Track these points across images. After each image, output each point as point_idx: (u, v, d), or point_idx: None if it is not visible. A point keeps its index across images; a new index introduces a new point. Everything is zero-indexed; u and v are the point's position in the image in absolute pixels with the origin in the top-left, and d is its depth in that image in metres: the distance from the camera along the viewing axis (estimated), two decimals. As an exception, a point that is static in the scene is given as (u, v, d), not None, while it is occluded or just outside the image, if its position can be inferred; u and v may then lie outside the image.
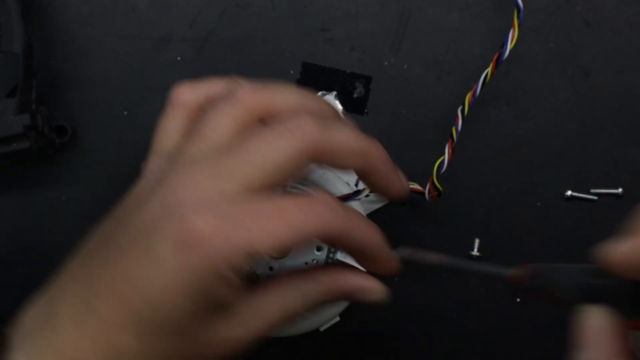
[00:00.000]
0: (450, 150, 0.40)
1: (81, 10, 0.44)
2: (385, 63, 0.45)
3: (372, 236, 0.33)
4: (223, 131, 0.33)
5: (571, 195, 0.44)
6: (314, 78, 0.45)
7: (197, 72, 0.44)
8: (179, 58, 0.44)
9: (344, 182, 0.41)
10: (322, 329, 0.41)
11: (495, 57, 0.40)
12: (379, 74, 0.45)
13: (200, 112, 0.35)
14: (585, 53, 0.45)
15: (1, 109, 0.39)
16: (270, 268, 0.40)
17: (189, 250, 0.29)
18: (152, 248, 0.30)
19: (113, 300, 0.30)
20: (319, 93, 0.45)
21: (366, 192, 0.40)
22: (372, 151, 0.34)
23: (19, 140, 0.39)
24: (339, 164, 0.33)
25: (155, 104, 0.44)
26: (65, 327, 0.31)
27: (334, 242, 0.32)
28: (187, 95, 0.36)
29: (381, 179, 0.35)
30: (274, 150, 0.31)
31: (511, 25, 0.40)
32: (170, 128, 0.36)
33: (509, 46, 0.40)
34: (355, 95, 0.45)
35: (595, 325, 0.27)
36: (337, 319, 0.41)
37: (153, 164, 0.35)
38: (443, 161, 0.40)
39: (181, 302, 0.30)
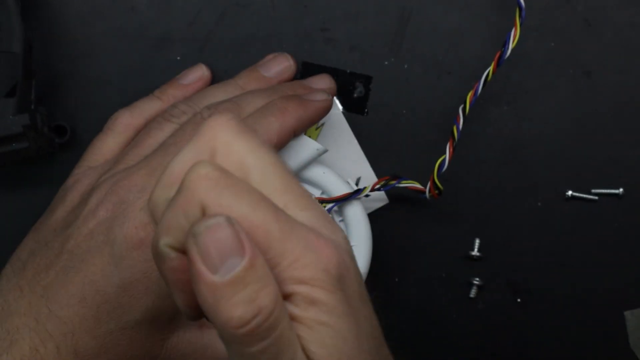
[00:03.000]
0: (451, 149, 0.40)
1: (81, 10, 0.44)
2: (385, 63, 0.45)
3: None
4: (159, 138, 0.35)
5: (572, 196, 0.44)
6: (314, 78, 0.44)
7: (196, 72, 0.44)
8: (178, 58, 0.44)
9: (344, 181, 0.41)
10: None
11: (497, 56, 0.40)
12: (379, 74, 0.45)
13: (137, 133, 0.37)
14: (585, 53, 0.45)
15: (1, 109, 0.39)
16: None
17: (145, 245, 0.30)
18: (110, 250, 0.31)
19: (72, 300, 0.31)
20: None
21: (366, 191, 0.40)
22: (287, 107, 0.36)
23: (18, 140, 0.39)
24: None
25: (155, 104, 0.44)
26: (23, 330, 0.31)
27: None
28: (125, 119, 0.38)
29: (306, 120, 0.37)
30: (201, 135, 0.32)
31: (512, 24, 0.40)
32: (104, 147, 0.38)
33: (511, 45, 0.40)
34: (355, 95, 0.45)
35: None
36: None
37: (83, 179, 0.36)
38: (444, 160, 0.40)
39: (141, 296, 0.30)
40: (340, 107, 0.44)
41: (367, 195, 0.42)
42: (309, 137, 0.41)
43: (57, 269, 0.32)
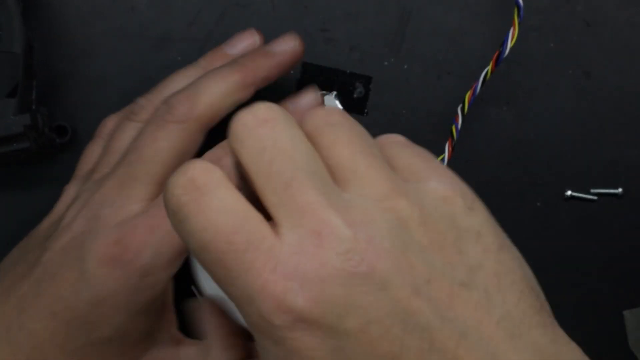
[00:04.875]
0: (450, 149, 0.41)
1: (81, 10, 0.44)
2: (385, 63, 0.45)
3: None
4: (125, 141, 0.35)
5: (571, 195, 0.44)
6: (314, 78, 0.45)
7: (197, 72, 0.44)
8: (179, 58, 0.44)
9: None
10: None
11: (495, 55, 0.40)
12: (379, 74, 0.45)
13: None
14: (585, 53, 0.45)
15: (1, 109, 0.39)
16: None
17: (115, 262, 0.30)
18: (81, 266, 0.31)
19: (47, 319, 0.31)
20: (319, 93, 0.45)
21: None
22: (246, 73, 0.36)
23: (19, 140, 0.39)
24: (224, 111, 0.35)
25: (155, 104, 0.44)
26: None
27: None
28: (111, 123, 0.37)
29: (268, 73, 0.36)
30: (160, 140, 0.32)
31: (511, 24, 0.40)
32: (90, 155, 0.37)
33: (510, 44, 0.40)
34: (355, 95, 0.45)
35: (205, 310, 0.29)
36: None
37: (70, 189, 0.36)
38: (443, 159, 0.41)
39: (111, 314, 0.30)
40: (340, 107, 0.44)
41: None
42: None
43: (30, 281, 0.32)
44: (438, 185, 0.25)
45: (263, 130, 0.23)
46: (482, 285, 0.24)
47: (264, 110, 0.23)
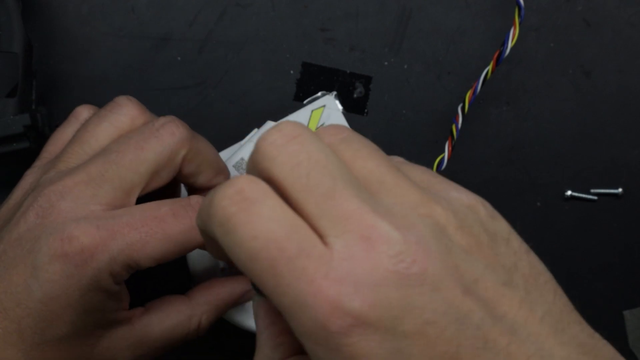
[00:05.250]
0: (450, 148, 0.41)
1: (80, 10, 0.44)
2: (385, 63, 0.45)
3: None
4: (103, 138, 0.33)
5: (571, 195, 0.44)
6: (314, 78, 0.45)
7: (197, 71, 0.44)
8: (179, 58, 0.44)
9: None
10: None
11: (496, 55, 0.40)
12: (379, 74, 0.45)
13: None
14: (585, 53, 0.45)
15: (1, 109, 0.39)
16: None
17: (68, 260, 0.29)
18: (33, 260, 0.30)
19: None
20: (319, 93, 0.45)
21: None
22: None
23: (19, 140, 0.39)
24: (201, 171, 0.34)
25: (155, 104, 0.44)
26: None
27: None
28: (86, 111, 0.36)
29: None
30: (147, 151, 0.32)
31: (512, 24, 0.40)
32: (59, 138, 0.36)
33: (510, 44, 0.40)
34: (355, 95, 0.45)
35: (257, 309, 0.28)
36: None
37: (31, 174, 0.35)
38: (443, 158, 0.41)
39: (64, 312, 0.30)
40: (340, 107, 0.44)
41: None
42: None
43: None
44: (460, 195, 0.25)
45: (294, 146, 0.23)
46: (522, 284, 0.24)
47: (290, 127, 0.23)
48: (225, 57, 0.44)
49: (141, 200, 0.33)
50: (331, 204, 0.22)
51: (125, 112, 0.34)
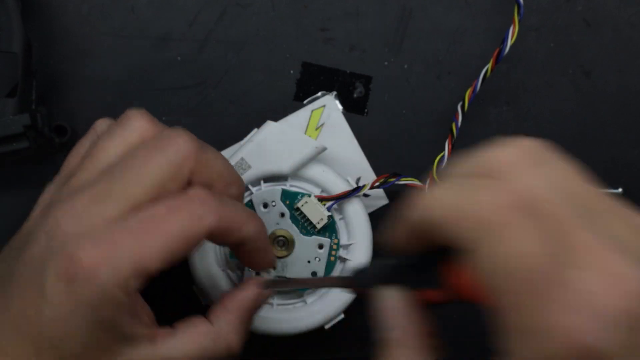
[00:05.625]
0: (450, 146, 0.40)
1: (80, 9, 0.44)
2: (386, 63, 0.45)
3: (254, 228, 0.33)
4: (113, 153, 0.33)
5: (571, 195, 0.44)
6: (314, 78, 0.45)
7: (197, 71, 0.44)
8: (179, 58, 0.44)
9: (344, 179, 0.41)
10: (327, 326, 0.41)
11: (495, 53, 0.40)
12: (379, 74, 0.45)
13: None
14: (585, 53, 0.45)
15: (1, 108, 0.39)
16: (274, 267, 0.40)
17: (74, 283, 0.29)
18: (42, 281, 0.30)
19: (16, 337, 0.30)
20: (319, 93, 0.45)
21: (366, 189, 0.40)
22: (243, 188, 0.35)
23: (19, 140, 0.39)
24: (211, 183, 0.33)
25: (155, 104, 0.44)
26: None
27: (219, 239, 0.32)
28: (104, 124, 0.36)
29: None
30: (152, 165, 0.31)
31: (511, 24, 0.40)
32: (78, 152, 0.36)
33: (510, 42, 0.40)
34: (355, 95, 0.45)
35: (389, 305, 0.28)
36: (342, 316, 0.41)
37: (48, 191, 0.35)
38: (443, 157, 0.41)
39: (76, 331, 0.30)
40: (340, 107, 0.44)
41: (366, 195, 0.42)
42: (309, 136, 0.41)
43: (0, 292, 0.31)
44: None
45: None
46: None
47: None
48: (225, 57, 0.44)
49: None
50: (564, 236, 0.23)
51: (135, 127, 0.34)
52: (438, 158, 0.40)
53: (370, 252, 0.41)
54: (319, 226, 0.40)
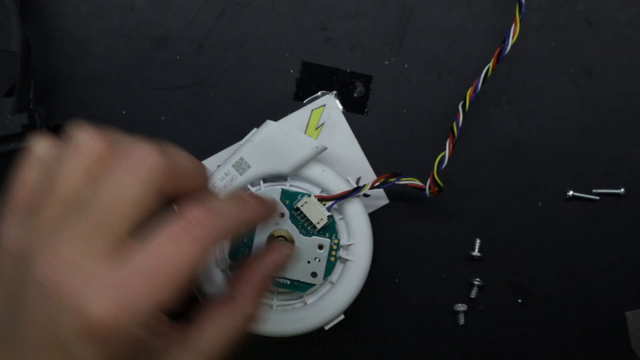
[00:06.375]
0: (450, 146, 0.40)
1: (79, 9, 0.44)
2: (386, 62, 0.44)
3: (253, 216, 0.33)
4: (74, 184, 0.31)
5: (573, 195, 0.44)
6: (314, 77, 0.44)
7: (196, 71, 0.44)
8: (178, 57, 0.44)
9: (344, 179, 0.41)
10: (327, 327, 0.40)
11: (497, 52, 0.40)
12: (379, 74, 0.44)
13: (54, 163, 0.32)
14: (586, 52, 0.45)
15: (-1, 108, 0.39)
16: None
17: (98, 337, 0.28)
18: (61, 341, 0.29)
19: None
20: (319, 92, 0.44)
21: (366, 188, 0.40)
22: (207, 173, 0.34)
23: (17, 139, 0.39)
24: (186, 186, 0.32)
25: (154, 104, 0.44)
26: None
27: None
28: (44, 146, 0.33)
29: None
30: (125, 191, 0.30)
31: (512, 23, 0.40)
32: (25, 182, 0.33)
33: (511, 41, 0.40)
34: (355, 95, 0.44)
35: None
36: (342, 317, 0.41)
37: (10, 230, 0.32)
38: (444, 156, 0.40)
39: None
40: (340, 106, 0.44)
41: (366, 195, 0.42)
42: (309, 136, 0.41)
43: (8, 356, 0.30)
44: None
45: None
46: None
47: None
48: (225, 57, 0.44)
49: None
50: None
51: (87, 148, 0.31)
52: (439, 158, 0.40)
53: (370, 252, 0.41)
54: (319, 226, 0.40)
